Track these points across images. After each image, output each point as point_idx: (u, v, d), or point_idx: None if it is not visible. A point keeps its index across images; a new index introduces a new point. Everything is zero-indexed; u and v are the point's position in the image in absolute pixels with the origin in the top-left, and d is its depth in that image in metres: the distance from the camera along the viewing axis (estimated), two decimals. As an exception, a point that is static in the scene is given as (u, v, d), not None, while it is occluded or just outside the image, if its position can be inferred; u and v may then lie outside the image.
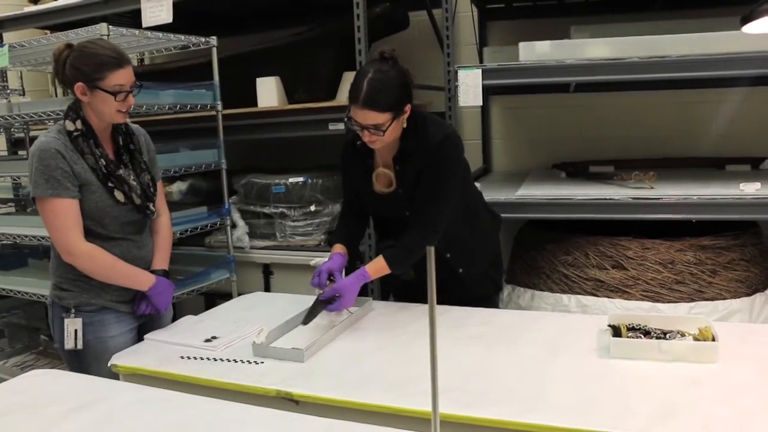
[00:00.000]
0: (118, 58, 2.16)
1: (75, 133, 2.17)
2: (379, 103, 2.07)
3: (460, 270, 2.35)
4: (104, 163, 2.20)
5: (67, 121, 2.19)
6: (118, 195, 2.21)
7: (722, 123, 3.70)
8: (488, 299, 2.47)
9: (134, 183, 2.27)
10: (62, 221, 2.14)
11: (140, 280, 2.29)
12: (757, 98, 3.60)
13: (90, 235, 2.18)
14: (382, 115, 2.08)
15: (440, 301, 2.21)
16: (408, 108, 2.16)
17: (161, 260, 2.40)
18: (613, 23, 3.32)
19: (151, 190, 2.35)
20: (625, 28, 3.15)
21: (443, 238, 2.25)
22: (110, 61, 2.14)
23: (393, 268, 2.25)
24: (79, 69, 2.13)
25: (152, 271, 2.34)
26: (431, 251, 0.87)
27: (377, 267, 2.25)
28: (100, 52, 2.15)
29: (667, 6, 3.57)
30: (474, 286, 2.41)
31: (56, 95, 4.64)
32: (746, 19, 1.86)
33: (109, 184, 2.20)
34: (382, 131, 2.10)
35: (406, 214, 2.28)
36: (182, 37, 3.31)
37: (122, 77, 2.16)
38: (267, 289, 3.67)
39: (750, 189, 2.70)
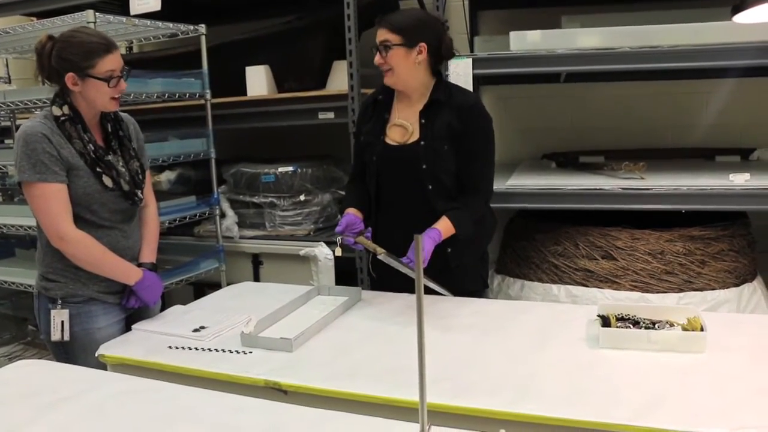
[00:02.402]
0: (105, 43, 2.14)
1: (62, 118, 2.15)
2: (392, 23, 2.23)
3: (449, 250, 2.33)
4: (92, 148, 2.18)
5: (53, 107, 2.17)
6: (107, 180, 2.19)
7: (712, 114, 3.70)
8: (476, 294, 2.46)
9: (123, 169, 2.25)
10: (51, 206, 2.11)
11: (128, 274, 2.27)
12: (747, 89, 3.60)
13: (79, 222, 2.16)
14: (392, 34, 2.22)
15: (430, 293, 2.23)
16: (423, 48, 2.25)
17: (149, 253, 2.38)
18: (604, 13, 3.31)
19: (140, 177, 2.33)
20: (616, 17, 3.14)
21: None
22: (98, 47, 2.12)
23: (458, 228, 2.24)
24: (68, 59, 2.11)
25: (140, 264, 2.33)
26: (418, 239, 0.87)
27: (445, 227, 2.22)
28: (86, 40, 2.13)
29: (658, -4, 3.56)
30: (464, 280, 2.41)
31: (43, 83, 4.60)
32: (737, 9, 1.86)
33: (98, 169, 2.18)
34: (388, 48, 2.22)
35: (423, 167, 2.29)
36: (171, 25, 3.28)
37: (112, 62, 2.14)
38: (256, 278, 3.66)
39: (739, 180, 2.70)
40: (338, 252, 2.35)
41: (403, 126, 2.35)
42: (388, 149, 2.36)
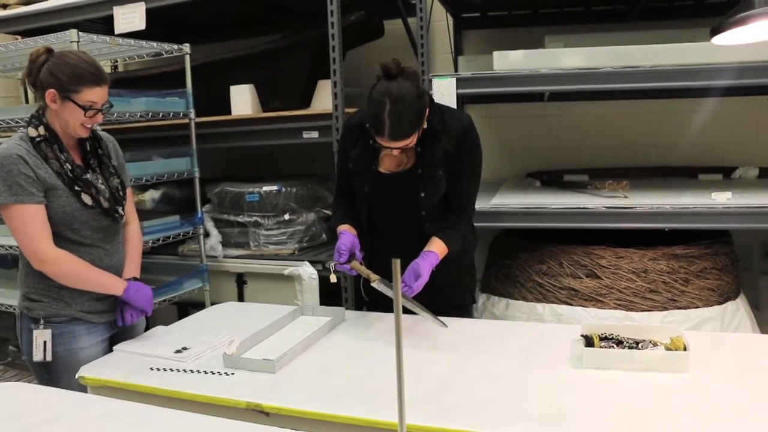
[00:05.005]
0: (97, 75, 2.13)
1: (38, 139, 2.14)
2: (405, 131, 2.12)
3: (435, 269, 2.32)
4: (70, 167, 2.16)
5: (29, 128, 2.16)
6: (86, 198, 2.18)
7: (695, 133, 3.74)
8: (464, 309, 2.46)
9: (102, 186, 2.24)
10: (30, 227, 2.09)
11: (113, 284, 2.24)
12: (728, 108, 3.64)
13: (62, 241, 2.15)
14: (411, 138, 2.14)
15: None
16: (426, 114, 2.21)
17: (132, 269, 2.36)
18: (587, 33, 3.35)
19: (120, 194, 2.32)
20: (598, 38, 3.17)
21: None
22: (89, 76, 2.11)
23: (450, 248, 2.24)
24: (56, 76, 2.10)
25: (123, 281, 2.31)
26: (397, 264, 0.86)
27: (440, 249, 2.21)
28: (80, 65, 2.11)
29: (641, 17, 3.60)
30: (450, 296, 2.40)
31: (26, 101, 4.59)
32: (715, 31, 1.88)
33: (76, 188, 2.16)
34: (412, 146, 2.20)
35: (422, 195, 2.28)
36: (155, 44, 3.28)
37: (97, 95, 2.13)
38: (240, 298, 3.64)
39: (721, 198, 2.72)
40: (333, 279, 2.32)
41: (397, 157, 2.31)
42: (382, 178, 2.33)
